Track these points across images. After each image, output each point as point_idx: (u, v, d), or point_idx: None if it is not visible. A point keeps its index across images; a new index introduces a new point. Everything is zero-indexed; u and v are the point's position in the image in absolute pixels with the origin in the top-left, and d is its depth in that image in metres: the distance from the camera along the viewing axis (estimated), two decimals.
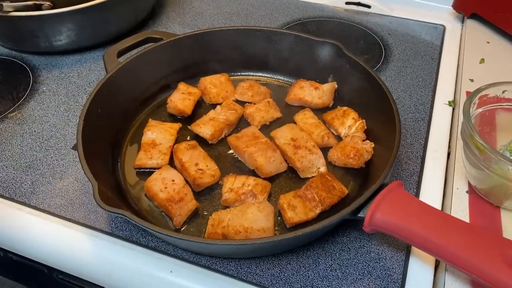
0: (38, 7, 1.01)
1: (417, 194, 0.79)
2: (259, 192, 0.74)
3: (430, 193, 0.79)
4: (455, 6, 1.17)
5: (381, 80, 0.81)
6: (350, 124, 0.85)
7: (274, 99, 0.93)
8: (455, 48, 1.10)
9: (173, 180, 0.74)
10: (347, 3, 1.26)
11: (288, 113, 0.90)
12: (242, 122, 0.90)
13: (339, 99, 0.92)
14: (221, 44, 0.96)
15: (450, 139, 0.88)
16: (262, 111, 0.89)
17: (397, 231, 0.61)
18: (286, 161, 0.81)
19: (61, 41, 1.05)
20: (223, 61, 0.98)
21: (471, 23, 1.14)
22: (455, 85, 1.00)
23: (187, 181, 0.76)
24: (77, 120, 0.90)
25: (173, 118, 0.91)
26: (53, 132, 0.90)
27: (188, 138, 0.86)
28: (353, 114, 0.86)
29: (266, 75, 1.00)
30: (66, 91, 1.00)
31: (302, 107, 0.91)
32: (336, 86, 0.91)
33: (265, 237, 0.65)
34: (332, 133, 0.86)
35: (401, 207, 0.62)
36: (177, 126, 0.87)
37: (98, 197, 0.62)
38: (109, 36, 1.11)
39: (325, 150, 0.82)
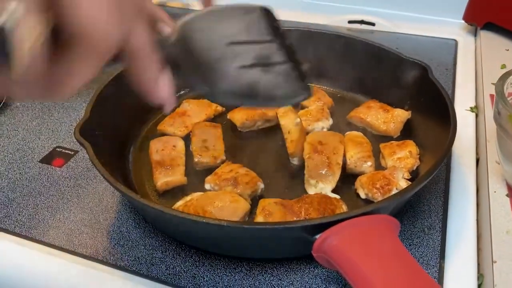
0: None
1: (445, 202, 0.66)
2: (243, 183, 0.62)
3: (461, 198, 0.66)
4: (466, 18, 1.09)
5: (455, 123, 0.63)
6: (401, 156, 0.68)
7: (339, 113, 0.81)
8: (471, 59, 1.01)
9: (174, 146, 0.71)
10: (350, 21, 1.19)
11: (345, 131, 0.76)
12: None
13: (407, 129, 0.76)
14: (300, 45, 0.85)
15: (477, 146, 0.76)
16: (311, 116, 0.78)
17: (347, 269, 0.46)
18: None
19: None
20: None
21: (485, 34, 1.05)
22: (476, 91, 0.89)
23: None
24: (49, 133, 0.82)
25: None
26: (21, 146, 0.79)
27: (225, 123, 0.80)
28: (411, 148, 0.69)
29: (340, 89, 0.88)
30: (42, 106, 0.90)
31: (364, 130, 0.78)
32: (410, 116, 0.76)
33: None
34: (382, 166, 0.70)
35: (370, 245, 0.47)
36: (214, 106, 0.82)
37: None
38: None
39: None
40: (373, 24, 1.17)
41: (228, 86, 0.42)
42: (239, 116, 0.79)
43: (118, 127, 0.74)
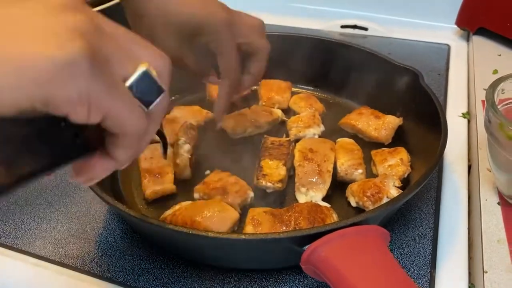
0: None
1: (436, 210, 0.65)
2: (232, 192, 0.61)
3: (453, 206, 0.65)
4: (459, 23, 1.09)
5: (446, 129, 0.63)
6: (392, 163, 0.67)
7: (331, 120, 0.81)
8: (463, 64, 1.01)
9: None
10: (342, 26, 1.19)
11: (336, 138, 0.75)
12: (282, 130, 0.80)
13: (398, 136, 0.76)
14: (292, 51, 0.87)
15: (469, 152, 0.76)
16: (302, 123, 0.77)
17: (335, 281, 0.45)
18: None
19: None
20: (288, 70, 0.88)
21: (477, 39, 1.05)
22: (468, 97, 0.89)
23: None
24: None
25: None
26: None
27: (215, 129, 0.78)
28: (403, 155, 0.68)
29: (331, 95, 0.89)
30: None
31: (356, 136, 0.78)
32: (401, 122, 0.75)
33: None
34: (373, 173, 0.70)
35: (359, 256, 0.46)
36: (204, 112, 0.81)
37: None
38: None
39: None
40: (366, 29, 1.17)
41: None
42: (229, 123, 0.78)
43: None
